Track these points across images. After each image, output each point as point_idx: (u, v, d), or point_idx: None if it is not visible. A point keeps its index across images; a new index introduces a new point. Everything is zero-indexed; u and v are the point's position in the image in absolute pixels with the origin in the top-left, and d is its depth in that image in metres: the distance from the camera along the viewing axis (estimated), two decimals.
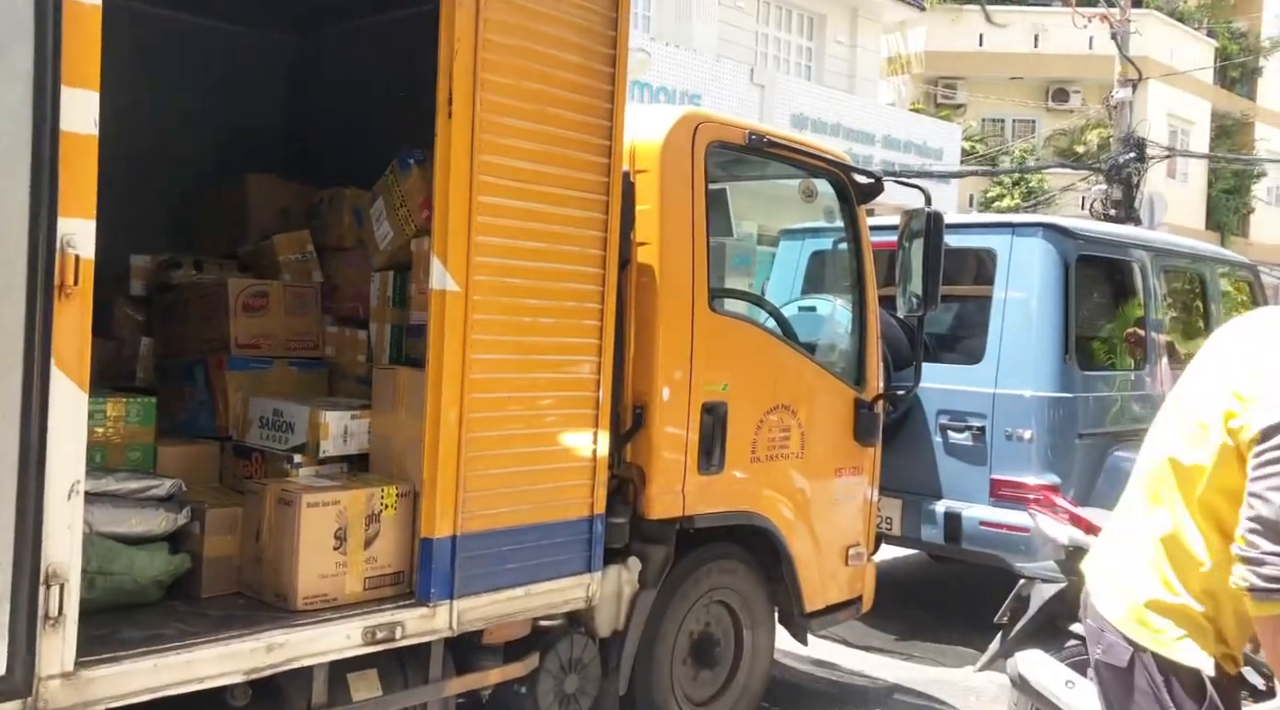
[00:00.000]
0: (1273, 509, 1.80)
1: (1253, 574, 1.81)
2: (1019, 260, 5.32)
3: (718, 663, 3.92)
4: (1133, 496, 2.16)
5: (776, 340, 4.17)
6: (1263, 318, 2.15)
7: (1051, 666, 3.12)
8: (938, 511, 5.31)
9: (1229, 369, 1.98)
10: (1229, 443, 1.91)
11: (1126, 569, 2.09)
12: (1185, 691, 1.97)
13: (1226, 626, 1.99)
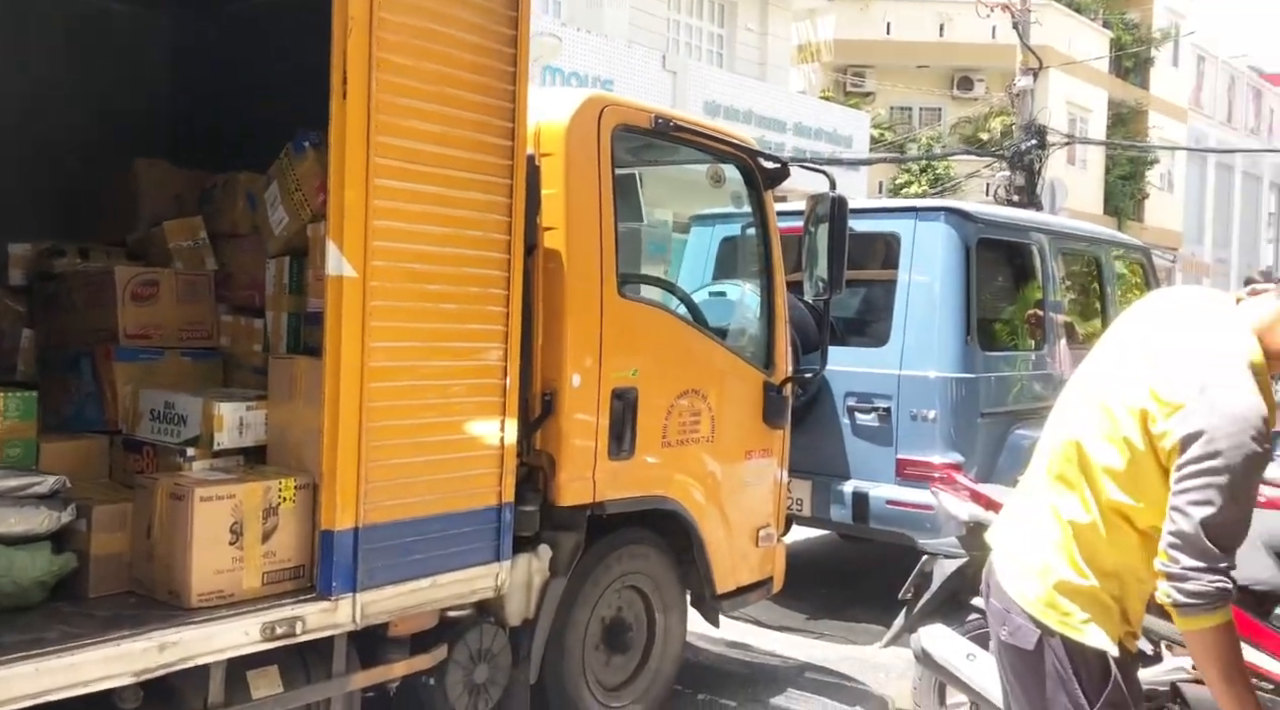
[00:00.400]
0: (1192, 523, 1.83)
1: (1176, 591, 1.86)
2: (922, 244, 5.42)
3: (630, 647, 3.92)
4: (1037, 475, 2.19)
5: (686, 325, 4.18)
6: (1172, 302, 2.15)
7: (953, 640, 3.19)
8: (846, 492, 5.40)
9: (1139, 359, 2.00)
10: (1143, 448, 1.94)
11: (1033, 549, 2.11)
12: (1091, 674, 2.01)
13: (1131, 607, 2.05)
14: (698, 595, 4.18)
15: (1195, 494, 1.83)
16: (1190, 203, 31.15)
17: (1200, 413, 1.85)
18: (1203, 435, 1.84)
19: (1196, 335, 1.97)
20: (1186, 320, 2.02)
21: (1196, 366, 1.90)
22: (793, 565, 6.03)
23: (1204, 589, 1.83)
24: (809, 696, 4.38)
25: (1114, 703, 2.00)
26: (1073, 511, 2.04)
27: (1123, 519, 1.99)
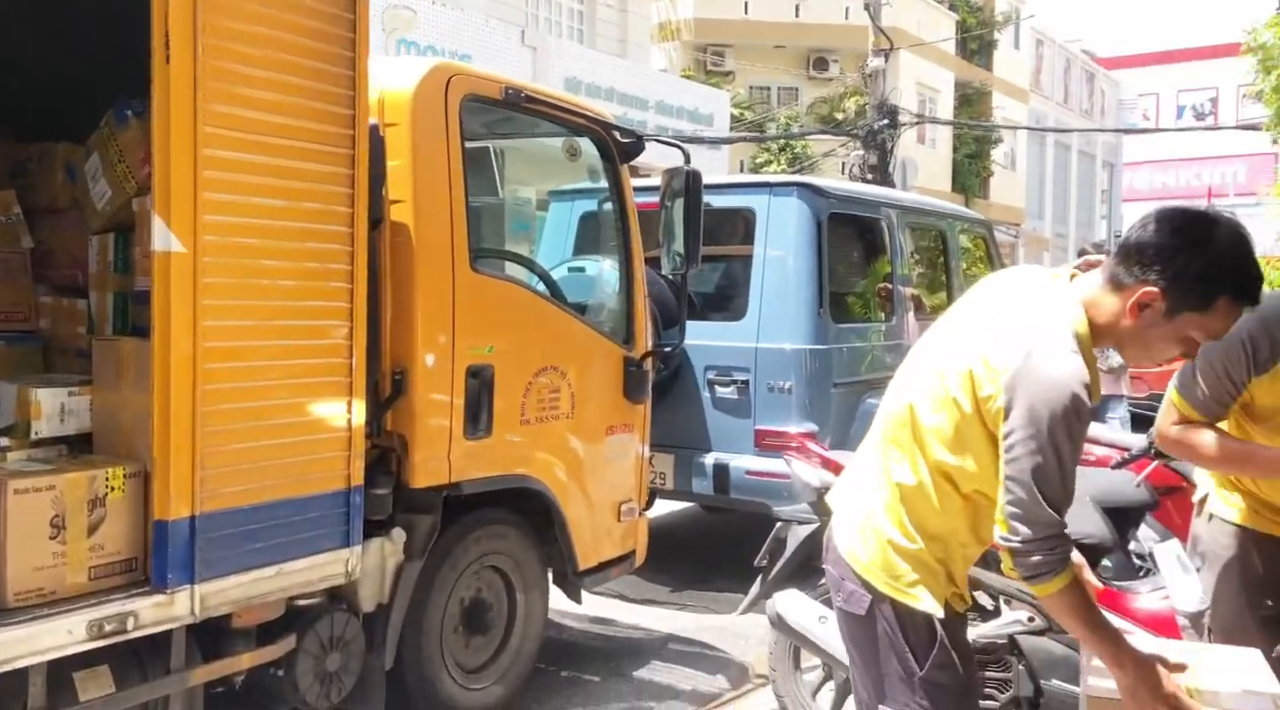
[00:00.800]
0: (1026, 489, 1.88)
1: (1022, 565, 1.93)
2: (776, 219, 5.50)
3: (491, 628, 3.87)
4: (873, 439, 2.23)
5: (544, 301, 4.13)
6: (1011, 278, 2.19)
7: (806, 604, 3.25)
8: (707, 464, 5.46)
9: (976, 331, 2.04)
10: (971, 410, 1.97)
11: (865, 512, 2.15)
12: (919, 637, 2.06)
13: (955, 570, 2.10)
14: (560, 572, 4.16)
15: (1025, 461, 1.88)
16: (1031, 180, 32.70)
17: (1024, 378, 1.90)
18: (1026, 401, 1.88)
19: (1027, 307, 2.02)
20: (1020, 294, 2.07)
21: (1024, 334, 1.95)
22: (657, 538, 6.07)
23: (1046, 558, 1.90)
24: (671, 667, 4.42)
25: (941, 664, 2.05)
26: (902, 474, 2.09)
27: (948, 482, 2.04)
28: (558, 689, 4.15)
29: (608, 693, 4.13)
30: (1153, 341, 1.97)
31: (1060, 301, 2.00)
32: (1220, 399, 2.40)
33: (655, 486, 5.51)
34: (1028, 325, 1.97)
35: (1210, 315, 1.91)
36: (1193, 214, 1.94)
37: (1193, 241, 1.89)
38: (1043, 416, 1.87)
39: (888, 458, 2.14)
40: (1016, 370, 1.91)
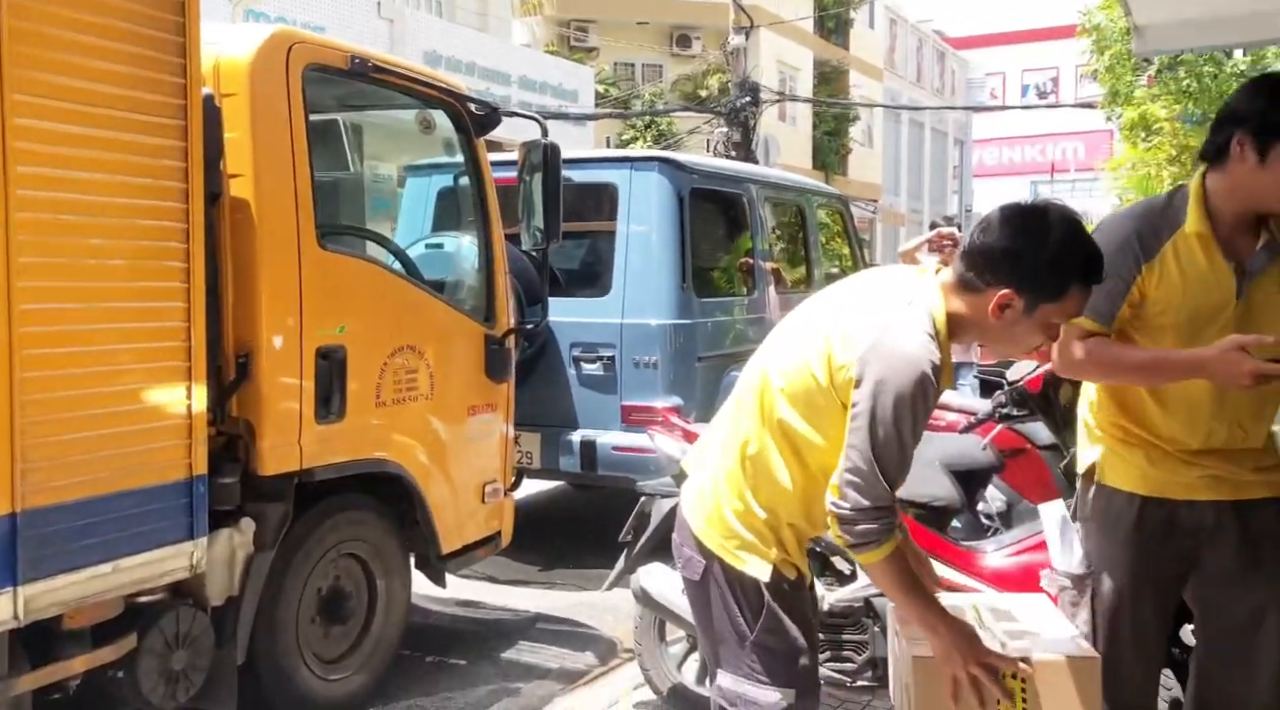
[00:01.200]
0: (864, 457, 1.93)
1: (847, 532, 1.97)
2: (638, 194, 5.49)
3: (350, 617, 3.76)
4: (726, 410, 2.27)
5: (399, 279, 4.01)
6: (879, 272, 2.30)
7: (669, 577, 3.26)
8: (574, 441, 5.43)
9: (840, 309, 2.10)
10: (825, 380, 2.01)
11: (710, 478, 2.19)
12: (750, 601, 2.10)
13: (786, 537, 2.13)
14: (422, 557, 4.07)
15: (867, 432, 1.93)
16: (888, 158, 33.73)
17: (877, 352, 1.95)
18: (876, 374, 1.93)
19: (891, 292, 2.09)
20: (886, 284, 2.15)
21: (883, 314, 2.01)
22: (525, 518, 6.02)
23: (871, 527, 1.96)
24: (539, 646, 4.39)
25: (769, 629, 2.09)
26: (748, 440, 2.12)
27: (793, 453, 2.07)
28: (423, 675, 4.07)
29: (475, 676, 4.07)
30: (1018, 336, 2.07)
31: (922, 290, 2.06)
32: (1115, 299, 2.32)
33: (522, 466, 5.46)
34: (888, 306, 2.03)
35: (1066, 301, 2.01)
36: (1028, 211, 2.02)
37: (1034, 240, 1.98)
38: (890, 391, 1.92)
39: (738, 425, 2.17)
40: (872, 343, 1.96)
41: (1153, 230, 2.30)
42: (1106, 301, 2.29)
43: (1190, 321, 2.28)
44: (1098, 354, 2.33)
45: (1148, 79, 15.08)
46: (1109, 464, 2.45)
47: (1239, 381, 2.12)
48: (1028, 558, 3.06)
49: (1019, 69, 43.41)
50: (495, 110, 4.28)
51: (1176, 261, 2.27)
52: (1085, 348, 2.33)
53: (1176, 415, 2.35)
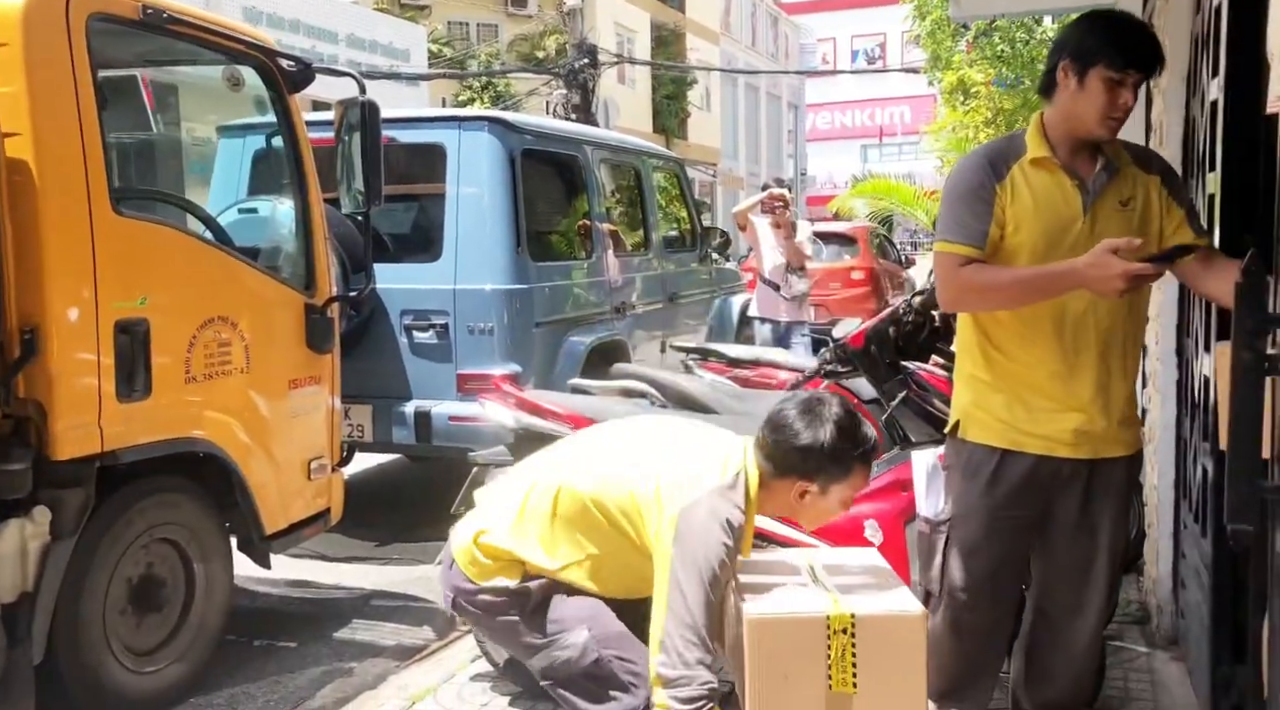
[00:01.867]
0: (689, 611, 2.14)
1: (674, 700, 2.10)
2: (467, 155, 5.33)
3: (165, 605, 3.54)
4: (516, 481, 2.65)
5: (207, 246, 3.77)
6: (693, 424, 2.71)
7: None
8: (408, 412, 5.28)
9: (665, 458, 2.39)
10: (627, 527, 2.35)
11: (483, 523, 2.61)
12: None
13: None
14: (245, 538, 3.88)
15: (687, 587, 2.16)
16: (726, 122, 34.17)
17: (692, 517, 2.22)
18: (690, 541, 2.20)
19: (707, 453, 2.40)
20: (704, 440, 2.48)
21: (705, 477, 2.31)
22: (360, 493, 5.85)
23: (698, 693, 2.10)
24: (374, 624, 4.26)
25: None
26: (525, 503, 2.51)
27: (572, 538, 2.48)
28: (250, 660, 3.89)
29: (305, 657, 3.92)
30: (821, 512, 2.44)
31: (735, 458, 2.37)
32: (983, 218, 2.35)
33: (353, 440, 5.28)
34: (710, 469, 2.33)
35: (853, 477, 2.37)
36: (804, 408, 2.36)
37: (813, 439, 2.31)
38: (703, 559, 2.18)
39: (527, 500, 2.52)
40: (693, 502, 2.23)
41: (1000, 156, 2.40)
42: (976, 222, 2.35)
43: (1044, 238, 2.33)
44: (974, 278, 2.36)
45: (966, 45, 15.73)
46: (971, 418, 2.50)
47: (1113, 285, 2.16)
48: (851, 509, 3.13)
49: (849, 35, 44.66)
50: (308, 67, 4.05)
51: (1026, 183, 2.35)
52: (962, 275, 2.36)
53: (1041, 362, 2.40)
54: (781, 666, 2.11)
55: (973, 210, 2.35)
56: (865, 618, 2.12)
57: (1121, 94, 2.25)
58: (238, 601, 4.06)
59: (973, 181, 2.38)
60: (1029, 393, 2.41)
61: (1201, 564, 2.94)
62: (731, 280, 8.61)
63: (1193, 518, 3.18)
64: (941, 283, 2.43)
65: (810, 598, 2.24)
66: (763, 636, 2.13)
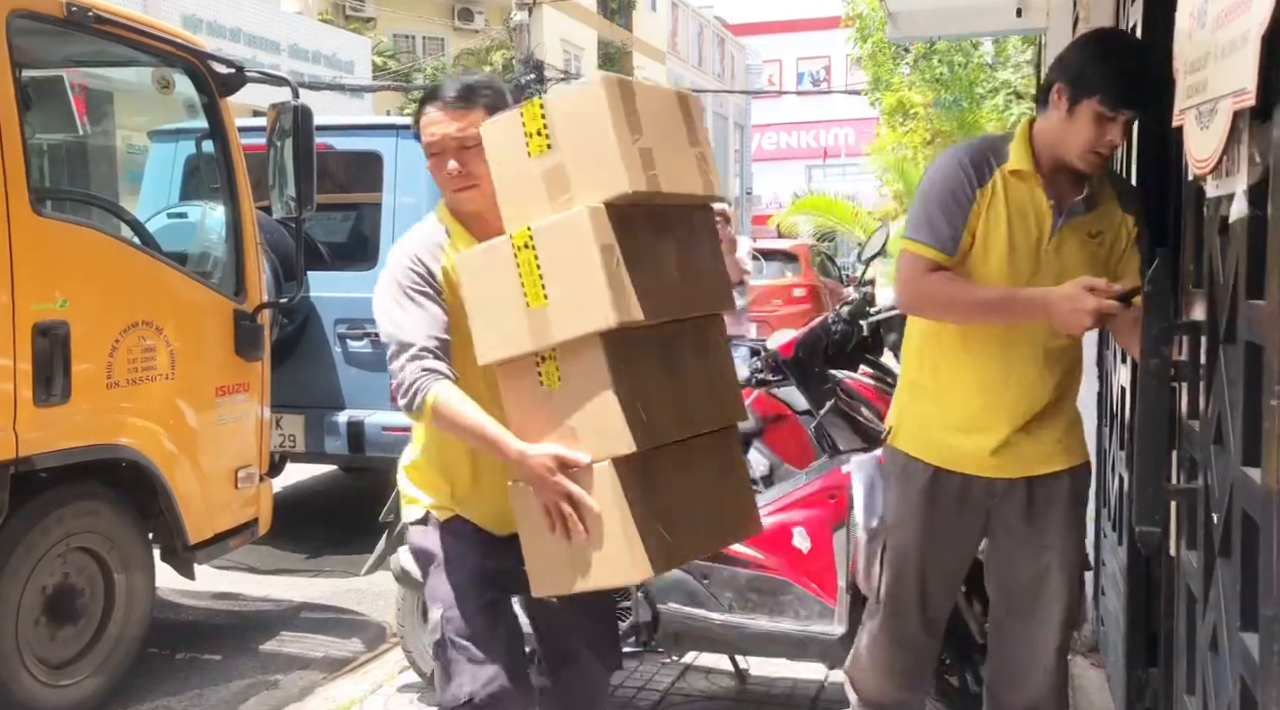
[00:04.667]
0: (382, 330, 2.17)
1: (402, 398, 2.12)
2: (404, 163, 5.29)
3: (82, 616, 3.45)
4: None
5: (131, 249, 3.71)
6: None
7: None
8: (340, 422, 5.21)
9: None
10: None
11: None
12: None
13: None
14: (169, 548, 3.80)
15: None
16: None
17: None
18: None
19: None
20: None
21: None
22: (291, 504, 5.78)
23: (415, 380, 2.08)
24: (303, 636, 4.19)
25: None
26: None
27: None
28: (171, 673, 3.80)
29: (229, 671, 3.84)
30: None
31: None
32: (956, 225, 2.28)
33: (285, 449, 5.21)
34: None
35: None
36: None
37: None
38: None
39: None
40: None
41: (982, 158, 2.30)
42: (948, 226, 2.27)
43: (1008, 253, 2.27)
44: (938, 288, 2.29)
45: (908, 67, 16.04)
46: (904, 428, 2.46)
47: (1081, 320, 2.12)
48: (781, 517, 3.16)
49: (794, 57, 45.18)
50: (240, 70, 4.00)
51: (1004, 192, 2.27)
52: (929, 281, 2.29)
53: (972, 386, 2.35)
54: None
55: (947, 213, 2.27)
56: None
57: (1110, 131, 2.17)
58: (161, 614, 3.98)
59: (951, 182, 2.28)
60: (961, 405, 2.36)
61: (1119, 571, 3.00)
62: None
63: (1111, 527, 3.25)
64: (903, 283, 2.34)
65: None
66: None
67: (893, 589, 2.49)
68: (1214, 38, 1.56)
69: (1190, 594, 1.88)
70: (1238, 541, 1.54)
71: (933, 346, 2.42)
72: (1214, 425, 1.68)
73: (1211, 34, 1.58)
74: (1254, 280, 1.46)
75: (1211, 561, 1.70)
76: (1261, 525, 1.40)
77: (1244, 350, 1.50)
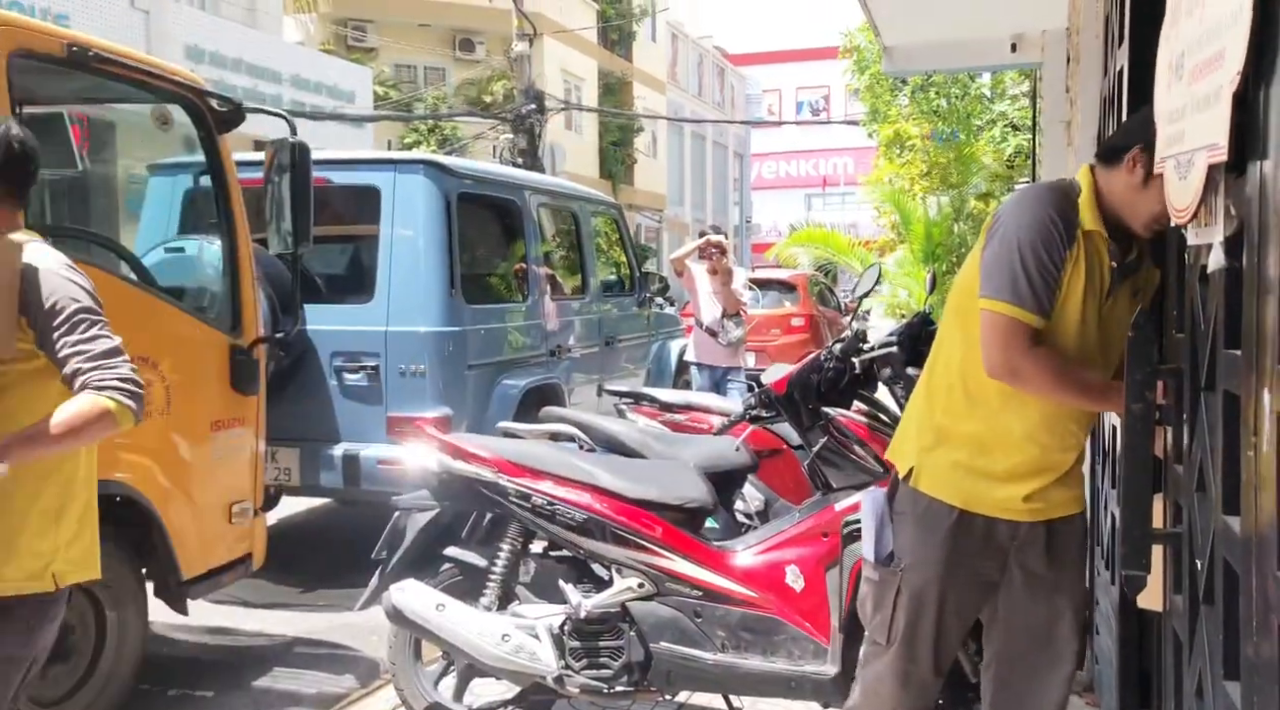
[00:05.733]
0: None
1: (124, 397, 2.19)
2: (402, 198, 5.34)
3: (74, 653, 3.44)
4: None
5: (128, 285, 3.72)
6: None
7: (423, 593, 3.17)
8: (336, 456, 5.22)
9: None
10: None
11: None
12: None
13: None
14: (162, 583, 3.79)
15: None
16: (672, 168, 34.55)
17: None
18: None
19: None
20: None
21: None
22: (286, 538, 5.76)
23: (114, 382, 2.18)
24: (296, 671, 4.17)
25: None
26: None
27: None
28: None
29: (222, 707, 3.82)
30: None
31: None
32: (1054, 290, 2.20)
33: (280, 483, 5.21)
34: None
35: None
36: None
37: None
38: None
39: None
40: None
41: (1065, 216, 2.22)
42: (1047, 291, 2.18)
43: (1081, 315, 2.24)
44: (1050, 366, 2.19)
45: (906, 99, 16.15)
46: (926, 470, 2.39)
47: None
48: (774, 555, 3.16)
49: (794, 87, 45.53)
50: (238, 107, 4.04)
51: (1084, 253, 2.22)
52: (1038, 357, 2.19)
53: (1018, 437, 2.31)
54: None
55: (1046, 275, 2.15)
56: None
57: None
58: (154, 649, 3.97)
59: (1046, 241, 2.16)
60: (1005, 456, 2.31)
61: (1111, 610, 3.00)
62: (670, 325, 8.67)
63: (1104, 565, 3.24)
64: (1002, 352, 2.19)
65: None
66: None
67: (908, 631, 2.43)
68: (1190, 90, 1.59)
69: (1177, 638, 1.88)
70: (1220, 589, 1.54)
71: (963, 393, 2.35)
72: (1196, 471, 1.69)
73: (1188, 87, 1.60)
74: (1231, 330, 1.48)
75: (1196, 607, 1.70)
76: (1241, 575, 1.41)
77: (1223, 398, 1.51)
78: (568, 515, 3.17)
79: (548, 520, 3.18)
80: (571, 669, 3.12)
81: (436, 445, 3.42)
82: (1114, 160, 2.21)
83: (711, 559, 3.18)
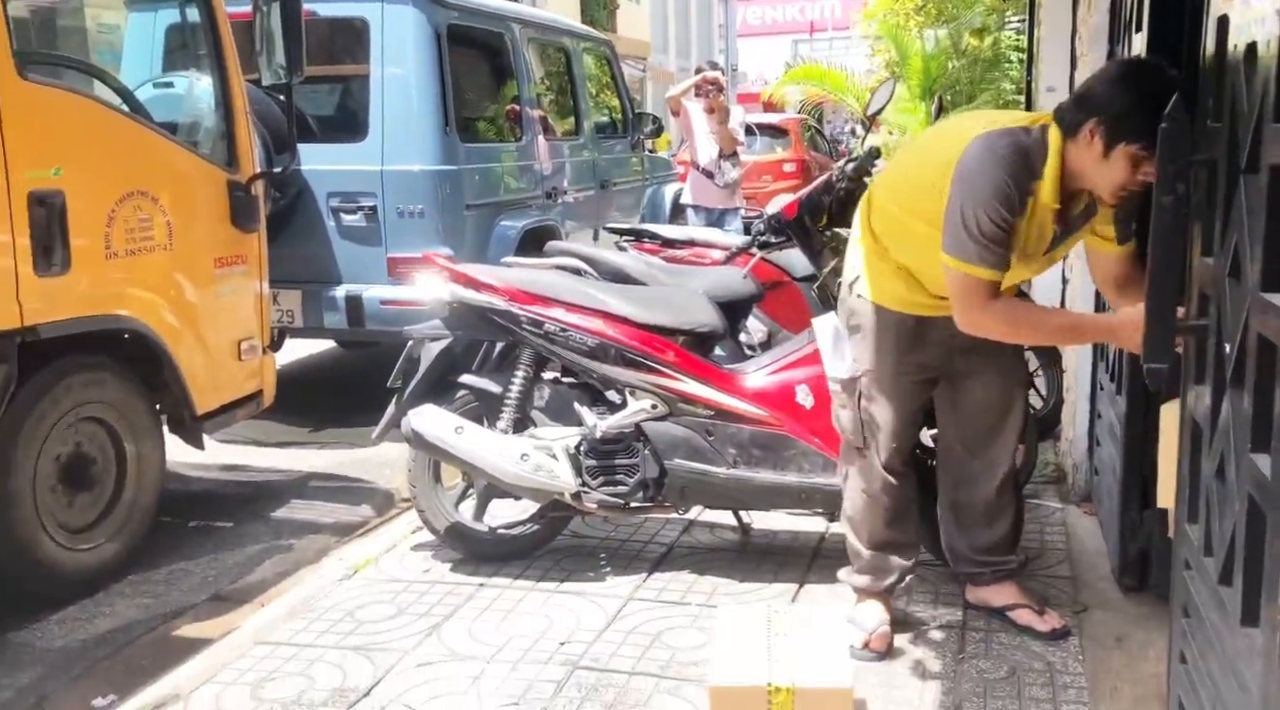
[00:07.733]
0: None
1: None
2: (391, 32, 5.15)
3: (97, 483, 3.50)
4: None
5: (123, 117, 3.63)
6: None
7: (441, 417, 3.22)
8: (338, 297, 5.20)
9: None
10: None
11: None
12: None
13: None
14: (176, 418, 3.83)
15: None
16: (655, 15, 33.41)
17: None
18: None
19: None
20: None
21: None
22: (293, 380, 5.81)
23: None
24: (312, 503, 4.27)
25: None
26: None
27: None
28: (185, 540, 3.88)
29: (242, 537, 3.92)
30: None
31: None
32: (1008, 247, 2.38)
33: (283, 325, 5.21)
34: None
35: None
36: None
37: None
38: None
39: None
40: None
41: (1023, 179, 2.34)
42: (1003, 249, 2.36)
43: (1017, 258, 2.44)
44: (1013, 315, 2.46)
45: None
46: (875, 283, 2.64)
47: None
48: (785, 375, 3.21)
49: None
50: None
51: (1032, 211, 2.38)
52: (1000, 307, 2.42)
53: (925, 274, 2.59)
54: None
55: (999, 238, 2.33)
56: (802, 690, 2.22)
57: (1145, 168, 2.21)
58: (172, 485, 4.04)
59: (1002, 205, 2.32)
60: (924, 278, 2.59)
61: (1116, 420, 3.07)
62: (664, 169, 8.54)
63: (1109, 378, 3.31)
64: (970, 307, 2.42)
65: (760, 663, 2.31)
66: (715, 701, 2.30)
67: (871, 425, 2.72)
68: None
69: (1196, 426, 1.93)
70: (1252, 367, 1.57)
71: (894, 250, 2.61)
72: (1229, 258, 1.70)
73: None
74: None
75: (1220, 392, 1.74)
76: None
77: (1268, 176, 1.50)
78: (580, 341, 3.19)
79: (561, 346, 3.21)
80: (589, 486, 3.20)
81: (448, 275, 3.41)
82: (1073, 133, 2.31)
83: (723, 380, 3.23)
